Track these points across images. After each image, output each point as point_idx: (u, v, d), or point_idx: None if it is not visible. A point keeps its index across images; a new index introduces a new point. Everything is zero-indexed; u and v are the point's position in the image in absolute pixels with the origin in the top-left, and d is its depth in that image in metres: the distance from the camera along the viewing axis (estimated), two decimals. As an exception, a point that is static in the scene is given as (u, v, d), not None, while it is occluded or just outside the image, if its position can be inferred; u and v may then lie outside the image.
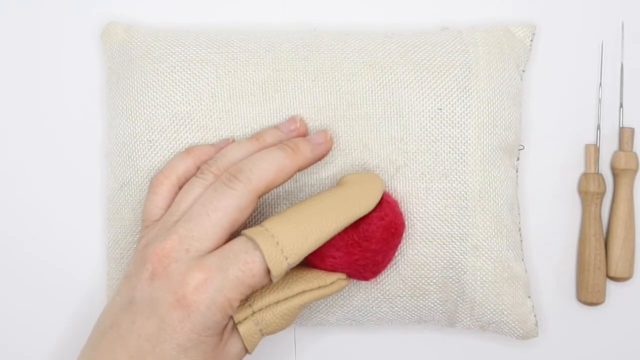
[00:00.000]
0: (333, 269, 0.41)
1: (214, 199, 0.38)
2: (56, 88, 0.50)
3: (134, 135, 0.45)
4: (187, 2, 0.51)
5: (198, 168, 0.42)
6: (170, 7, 0.51)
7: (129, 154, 0.45)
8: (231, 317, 0.39)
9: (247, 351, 0.40)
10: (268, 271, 0.38)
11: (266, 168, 0.39)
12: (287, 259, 0.38)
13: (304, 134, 0.44)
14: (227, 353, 0.39)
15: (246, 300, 0.40)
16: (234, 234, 0.39)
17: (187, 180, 0.42)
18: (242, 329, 0.39)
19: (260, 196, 0.39)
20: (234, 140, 0.44)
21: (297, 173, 0.42)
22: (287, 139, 0.42)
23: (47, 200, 0.50)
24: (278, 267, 0.37)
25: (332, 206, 0.40)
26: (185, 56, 0.46)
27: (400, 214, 0.43)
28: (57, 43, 0.50)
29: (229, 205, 0.38)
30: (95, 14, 0.50)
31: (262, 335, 0.40)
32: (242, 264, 0.37)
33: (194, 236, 0.38)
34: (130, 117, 0.46)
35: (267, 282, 0.38)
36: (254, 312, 0.40)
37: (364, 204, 0.41)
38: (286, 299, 0.40)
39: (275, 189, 0.44)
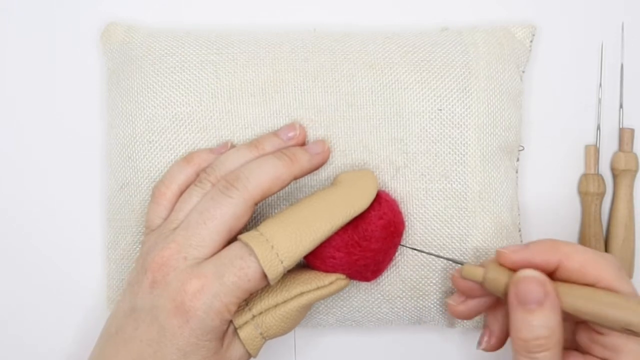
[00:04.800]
0: (334, 270, 0.41)
1: (211, 207, 0.39)
2: (56, 89, 0.50)
3: (134, 135, 0.45)
4: (188, 2, 0.51)
5: (197, 175, 0.42)
6: (170, 8, 0.51)
7: (129, 155, 0.45)
8: (231, 322, 0.40)
9: (250, 355, 0.41)
10: (264, 275, 0.38)
11: (262, 176, 0.40)
12: (282, 262, 0.38)
13: (303, 141, 0.44)
14: (229, 358, 0.39)
15: (246, 304, 0.40)
16: (232, 239, 0.40)
17: (187, 187, 0.42)
18: (242, 333, 0.40)
19: (256, 203, 0.40)
20: (233, 144, 0.44)
21: (295, 176, 0.42)
22: (286, 147, 0.42)
23: (47, 200, 0.50)
24: (274, 271, 0.38)
25: (325, 207, 0.40)
26: (185, 57, 0.46)
27: (400, 212, 0.43)
28: (57, 44, 0.50)
29: (226, 213, 0.39)
30: (96, 14, 0.50)
31: (264, 338, 0.40)
32: (238, 269, 0.37)
33: (191, 244, 0.38)
34: (131, 117, 0.46)
35: (265, 285, 0.39)
36: (253, 316, 0.40)
37: (358, 203, 0.41)
38: (285, 301, 0.40)
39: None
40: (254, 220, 0.45)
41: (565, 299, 0.36)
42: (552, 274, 0.38)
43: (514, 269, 0.38)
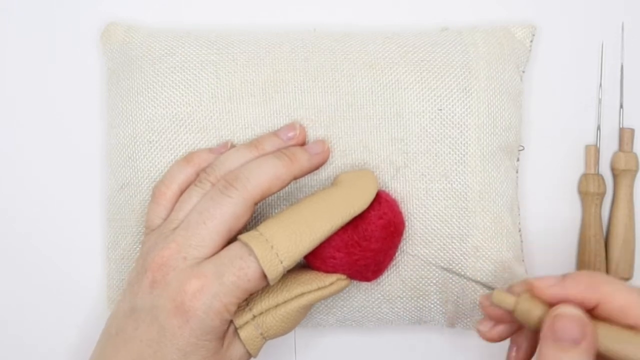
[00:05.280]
0: (334, 270, 0.41)
1: (210, 207, 0.39)
2: (56, 89, 0.50)
3: (134, 136, 0.45)
4: (188, 2, 0.51)
5: (198, 175, 0.42)
6: (170, 8, 0.51)
7: (129, 155, 0.45)
8: (232, 322, 0.40)
9: (250, 355, 0.41)
10: (264, 275, 0.38)
11: (262, 176, 0.40)
12: (282, 262, 0.38)
13: (303, 141, 0.44)
14: (229, 357, 0.39)
15: (246, 304, 0.40)
16: (232, 239, 0.40)
17: (187, 187, 0.42)
18: (242, 333, 0.40)
19: (256, 203, 0.40)
20: (232, 145, 0.44)
21: (295, 176, 0.42)
22: (285, 147, 0.42)
23: (47, 200, 0.50)
24: (273, 271, 0.38)
25: (325, 207, 0.40)
26: (185, 57, 0.46)
27: (400, 212, 0.43)
28: (57, 44, 0.50)
29: (225, 212, 0.39)
30: (96, 14, 0.50)
31: (264, 339, 0.40)
32: (237, 269, 0.37)
33: (191, 244, 0.38)
34: (131, 117, 0.46)
35: (265, 286, 0.39)
36: (254, 316, 0.40)
37: (357, 203, 0.41)
38: (285, 301, 0.40)
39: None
40: (254, 220, 0.45)
41: (603, 340, 0.34)
42: (590, 310, 0.36)
43: (547, 302, 0.36)
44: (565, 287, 0.36)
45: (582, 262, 0.50)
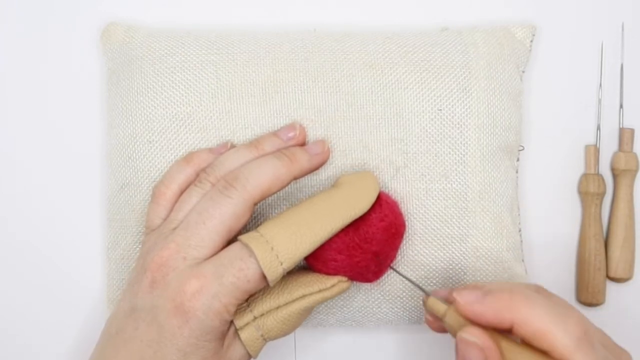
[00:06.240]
0: (336, 272, 0.41)
1: (210, 207, 0.39)
2: (56, 89, 0.50)
3: (134, 135, 0.45)
4: (188, 2, 0.51)
5: (197, 175, 0.42)
6: (170, 8, 0.51)
7: (129, 155, 0.45)
8: (232, 323, 0.40)
9: (250, 356, 0.41)
10: (264, 276, 0.38)
11: (262, 176, 0.40)
12: (282, 263, 0.38)
13: (303, 142, 0.44)
14: (229, 358, 0.40)
15: (247, 305, 0.40)
16: (232, 240, 0.40)
17: (187, 187, 0.42)
18: (243, 334, 0.40)
19: (256, 203, 0.40)
20: (232, 145, 0.44)
21: (295, 176, 0.42)
22: (285, 147, 0.42)
23: (47, 200, 0.50)
24: (273, 272, 0.38)
25: (326, 209, 0.40)
26: (186, 57, 0.46)
27: (401, 214, 0.43)
28: (57, 44, 0.50)
29: (225, 212, 0.39)
30: (96, 14, 0.50)
31: (265, 340, 0.41)
32: (237, 270, 0.37)
33: (190, 244, 0.38)
34: (130, 117, 0.46)
35: (265, 287, 0.39)
36: (255, 318, 0.40)
37: (358, 205, 0.41)
38: (287, 303, 0.40)
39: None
40: (254, 220, 0.45)
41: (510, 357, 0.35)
42: (507, 330, 0.36)
43: (467, 319, 0.37)
44: (484, 304, 0.36)
45: (582, 262, 0.50)
